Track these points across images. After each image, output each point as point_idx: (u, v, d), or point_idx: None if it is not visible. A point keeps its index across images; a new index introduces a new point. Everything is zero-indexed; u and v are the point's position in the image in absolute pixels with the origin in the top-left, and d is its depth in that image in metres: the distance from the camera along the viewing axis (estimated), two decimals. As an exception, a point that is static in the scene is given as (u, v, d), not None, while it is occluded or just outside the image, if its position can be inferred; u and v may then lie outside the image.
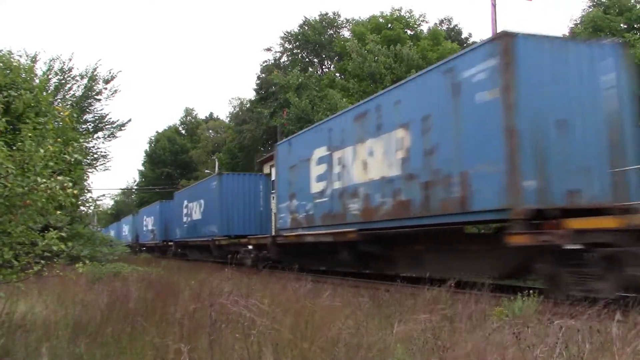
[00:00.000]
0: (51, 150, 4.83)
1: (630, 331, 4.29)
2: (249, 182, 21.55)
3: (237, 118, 49.43)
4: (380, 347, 3.99)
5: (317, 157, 13.90)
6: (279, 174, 16.56)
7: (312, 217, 14.02)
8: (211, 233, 21.75)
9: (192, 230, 25.43)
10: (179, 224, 28.47)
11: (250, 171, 33.86)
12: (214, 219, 21.54)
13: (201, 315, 4.91)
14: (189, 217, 26.04)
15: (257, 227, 20.61)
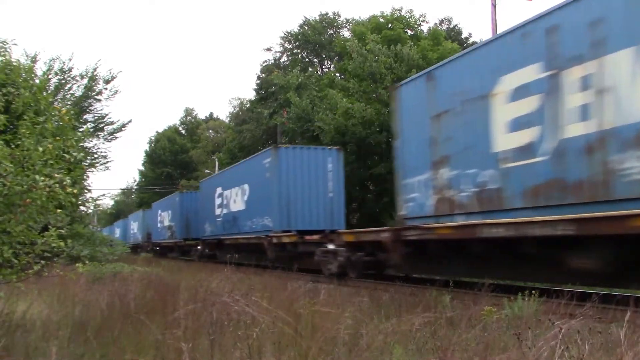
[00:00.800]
0: (50, 149, 4.83)
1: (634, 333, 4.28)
2: (314, 159, 16.27)
3: (237, 118, 49.45)
4: (379, 347, 3.99)
5: (512, 89, 7.80)
6: (404, 130, 10.59)
7: (498, 194, 8.03)
8: (263, 228, 16.67)
9: (230, 225, 19.94)
10: (209, 218, 22.85)
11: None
12: (266, 208, 16.41)
13: (202, 315, 4.91)
14: (226, 208, 20.53)
15: (326, 219, 15.89)
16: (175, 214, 29.23)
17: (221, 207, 21.30)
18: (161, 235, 32.94)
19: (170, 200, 31.82)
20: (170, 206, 30.94)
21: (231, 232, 19.87)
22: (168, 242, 31.07)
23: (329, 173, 16.28)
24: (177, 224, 28.70)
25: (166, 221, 31.63)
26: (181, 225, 27.93)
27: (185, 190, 30.67)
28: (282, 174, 15.95)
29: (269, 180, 16.31)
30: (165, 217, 31.99)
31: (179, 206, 28.39)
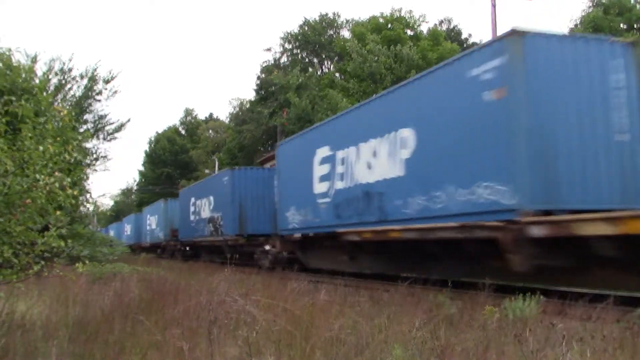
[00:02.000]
0: (51, 150, 4.83)
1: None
2: None
3: (237, 118, 49.47)
4: (379, 346, 3.99)
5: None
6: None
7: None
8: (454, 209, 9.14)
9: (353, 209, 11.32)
10: (296, 201, 14.33)
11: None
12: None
13: (202, 314, 4.92)
14: (346, 177, 11.99)
15: None
16: (221, 201, 20.39)
17: (330, 178, 12.88)
18: (196, 231, 23.97)
19: (212, 182, 22.55)
20: (213, 190, 21.69)
21: (357, 221, 11.50)
22: (206, 241, 22.48)
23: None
24: (226, 215, 19.74)
25: (204, 211, 22.79)
26: (233, 217, 19.08)
27: (237, 168, 20.68)
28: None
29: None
30: (203, 206, 23.00)
31: (230, 189, 19.31)
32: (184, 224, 26.76)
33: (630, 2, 27.70)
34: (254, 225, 18.70)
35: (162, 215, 31.68)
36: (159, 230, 32.26)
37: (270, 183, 17.39)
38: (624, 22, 27.12)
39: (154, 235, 33.73)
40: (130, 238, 42.35)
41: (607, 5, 28.68)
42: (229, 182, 19.58)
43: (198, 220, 23.80)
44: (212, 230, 21.55)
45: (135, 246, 38.94)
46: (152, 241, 34.25)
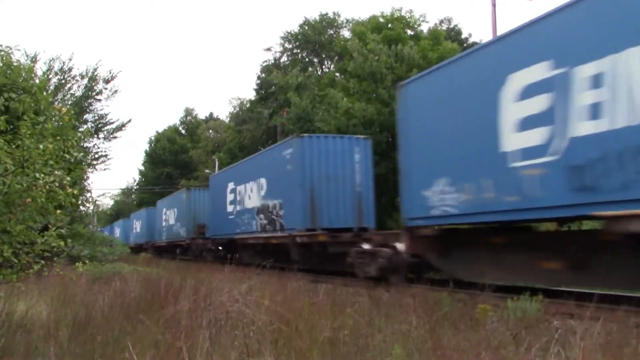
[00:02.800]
0: (50, 149, 4.83)
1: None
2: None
3: (237, 118, 49.49)
4: (378, 346, 3.99)
5: None
6: None
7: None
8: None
9: None
10: (452, 168, 8.90)
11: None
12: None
13: (201, 314, 4.92)
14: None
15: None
16: (284, 181, 15.00)
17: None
18: (235, 225, 18.89)
19: (266, 159, 16.86)
20: (268, 169, 16.31)
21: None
22: (260, 238, 16.84)
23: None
24: (291, 202, 14.67)
25: (252, 198, 17.33)
26: (303, 203, 14.03)
27: (307, 135, 15.40)
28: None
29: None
30: (248, 193, 17.77)
31: (297, 165, 14.26)
32: (217, 217, 21.52)
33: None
34: (331, 216, 14.02)
35: (183, 208, 26.35)
36: (180, 226, 27.13)
37: (351, 158, 14.46)
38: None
39: (172, 232, 28.67)
40: (140, 236, 38.52)
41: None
42: (296, 156, 14.20)
43: (240, 212, 18.50)
44: (264, 223, 16.23)
45: (147, 245, 35.27)
46: (170, 239, 29.15)
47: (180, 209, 27.59)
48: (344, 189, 14.38)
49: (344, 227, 13.95)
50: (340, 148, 14.62)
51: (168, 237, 30.03)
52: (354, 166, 14.61)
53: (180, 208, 27.42)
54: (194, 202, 26.09)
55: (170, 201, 30.53)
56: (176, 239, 27.79)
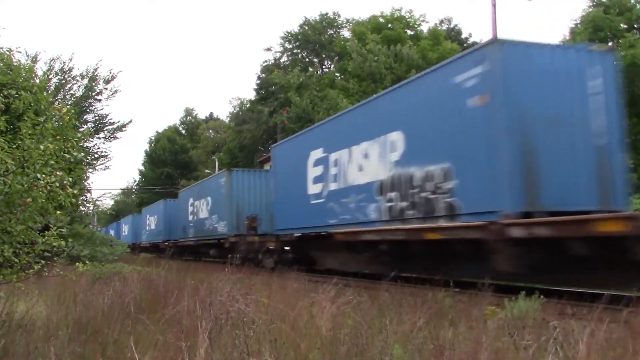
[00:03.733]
0: (51, 149, 4.84)
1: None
2: None
3: (237, 118, 49.51)
4: (378, 346, 4.00)
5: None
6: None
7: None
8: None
9: None
10: None
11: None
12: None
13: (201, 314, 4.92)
14: None
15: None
16: (447, 137, 9.11)
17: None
18: (323, 214, 13.15)
19: (395, 100, 10.98)
20: (398, 120, 10.59)
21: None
22: (381, 231, 10.98)
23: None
24: (470, 166, 8.59)
25: (367, 169, 11.57)
26: (510, 166, 7.93)
27: (509, 41, 8.52)
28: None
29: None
30: (354, 161, 12.07)
31: (497, 100, 8.07)
32: (285, 204, 15.47)
33: (631, 2, 27.68)
34: (557, 191, 8.07)
35: (221, 197, 20.44)
36: (216, 219, 20.98)
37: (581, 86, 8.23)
38: (624, 22, 27.11)
39: (205, 227, 22.69)
40: (156, 234, 33.09)
41: (608, 4, 28.67)
42: (489, 80, 8.30)
43: (337, 192, 12.56)
44: (398, 207, 10.23)
45: (165, 245, 30.19)
46: (201, 236, 23.46)
47: (216, 198, 21.13)
48: (573, 141, 8.12)
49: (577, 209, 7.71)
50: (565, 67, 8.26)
51: (197, 234, 23.75)
52: (587, 101, 8.26)
53: (217, 196, 20.98)
54: (237, 187, 19.75)
55: (200, 189, 23.96)
56: (210, 235, 21.77)
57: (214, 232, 21.37)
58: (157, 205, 33.94)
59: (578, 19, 30.82)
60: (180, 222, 27.44)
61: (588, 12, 29.49)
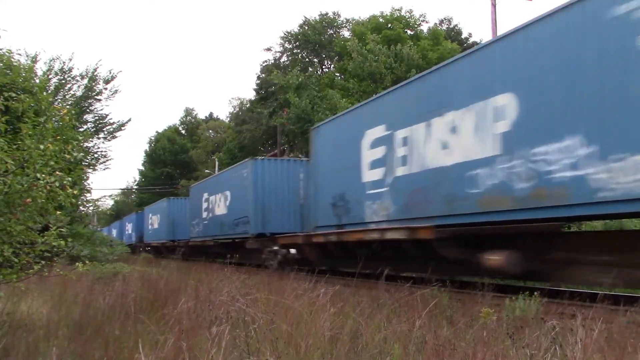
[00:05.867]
0: (51, 149, 4.84)
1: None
2: None
3: (237, 118, 49.51)
4: (378, 346, 4.00)
5: None
6: None
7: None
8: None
9: None
10: None
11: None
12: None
13: (201, 314, 4.93)
14: None
15: None
16: None
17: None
18: None
19: None
20: None
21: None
22: None
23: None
24: None
25: None
26: None
27: None
28: None
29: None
30: None
31: None
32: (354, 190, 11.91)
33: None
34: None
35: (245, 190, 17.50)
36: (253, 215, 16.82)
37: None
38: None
39: (223, 225, 19.89)
40: (157, 234, 31.96)
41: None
42: None
43: None
44: None
45: (172, 245, 27.96)
46: (217, 235, 20.79)
47: (244, 189, 17.54)
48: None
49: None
50: None
51: (223, 231, 19.67)
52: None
53: (244, 188, 17.57)
54: (263, 178, 16.69)
55: (222, 181, 20.13)
56: (229, 235, 19.42)
57: (234, 230, 18.75)
58: (160, 204, 32.61)
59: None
60: (192, 219, 24.43)
61: (588, 12, 29.44)
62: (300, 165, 16.99)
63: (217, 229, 20.40)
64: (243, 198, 17.67)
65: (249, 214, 17.00)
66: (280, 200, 16.88)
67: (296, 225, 16.12)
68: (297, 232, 15.21)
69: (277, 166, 17.44)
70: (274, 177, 17.05)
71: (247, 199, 17.22)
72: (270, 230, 16.52)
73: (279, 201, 16.85)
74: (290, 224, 16.50)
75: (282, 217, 16.64)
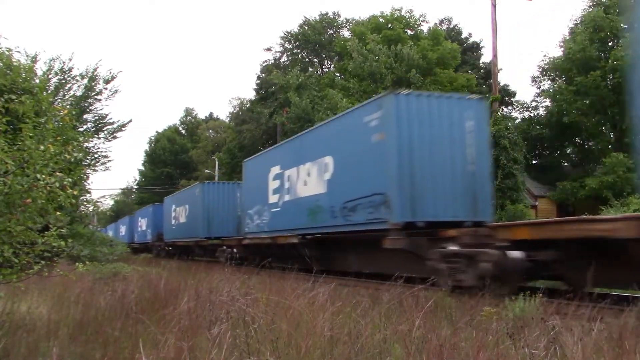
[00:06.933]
0: (51, 149, 4.85)
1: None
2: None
3: (237, 118, 49.53)
4: (378, 346, 4.00)
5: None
6: None
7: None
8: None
9: None
10: None
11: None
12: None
13: (201, 314, 4.93)
14: None
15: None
16: None
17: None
18: None
19: None
20: None
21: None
22: None
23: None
24: None
25: None
26: None
27: None
28: None
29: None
30: None
31: None
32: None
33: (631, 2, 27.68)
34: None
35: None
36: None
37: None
38: (624, 22, 27.12)
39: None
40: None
41: (608, 4, 28.69)
42: None
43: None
44: None
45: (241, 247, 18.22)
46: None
47: (192, 206, 23.14)
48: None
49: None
50: None
51: (319, 221, 13.56)
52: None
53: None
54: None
55: (313, 143, 13.87)
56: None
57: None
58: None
59: (578, 19, 30.84)
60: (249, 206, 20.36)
61: (588, 12, 29.50)
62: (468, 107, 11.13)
63: (304, 217, 13.87)
64: (369, 165, 10.93)
65: (386, 189, 10.27)
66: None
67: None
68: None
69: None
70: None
71: (378, 167, 10.54)
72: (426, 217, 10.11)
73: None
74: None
75: None
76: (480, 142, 10.44)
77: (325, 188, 12.72)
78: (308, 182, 13.59)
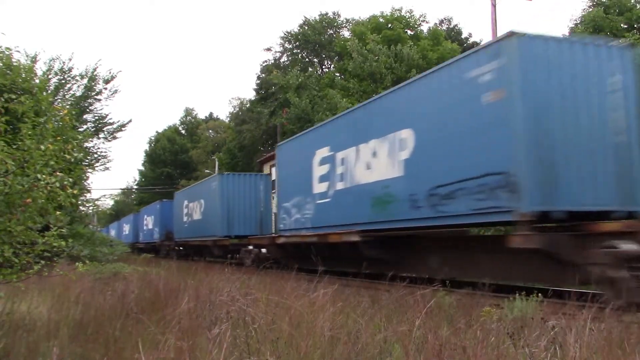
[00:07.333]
0: (51, 149, 4.85)
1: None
2: None
3: (237, 118, 49.55)
4: (378, 346, 4.00)
5: None
6: None
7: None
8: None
9: None
10: None
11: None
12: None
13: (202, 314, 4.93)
14: None
15: None
16: None
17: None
18: None
19: None
20: None
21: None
22: None
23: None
24: None
25: None
26: None
27: None
28: None
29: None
30: None
31: None
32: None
33: (631, 2, 27.70)
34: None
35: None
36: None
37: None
38: (624, 22, 27.13)
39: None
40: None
41: (608, 4, 28.69)
42: None
43: None
44: None
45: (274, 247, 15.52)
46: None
47: (209, 201, 21.38)
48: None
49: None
50: None
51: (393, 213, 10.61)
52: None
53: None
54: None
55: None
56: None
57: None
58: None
59: (578, 19, 30.84)
60: (284, 199, 17.68)
61: (588, 12, 29.50)
62: None
63: (366, 209, 11.20)
64: (476, 136, 8.31)
65: (509, 166, 7.63)
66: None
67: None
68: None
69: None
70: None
71: (494, 137, 7.91)
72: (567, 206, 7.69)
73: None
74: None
75: None
76: (630, 104, 7.78)
77: (402, 170, 9.90)
78: (373, 164, 10.85)
